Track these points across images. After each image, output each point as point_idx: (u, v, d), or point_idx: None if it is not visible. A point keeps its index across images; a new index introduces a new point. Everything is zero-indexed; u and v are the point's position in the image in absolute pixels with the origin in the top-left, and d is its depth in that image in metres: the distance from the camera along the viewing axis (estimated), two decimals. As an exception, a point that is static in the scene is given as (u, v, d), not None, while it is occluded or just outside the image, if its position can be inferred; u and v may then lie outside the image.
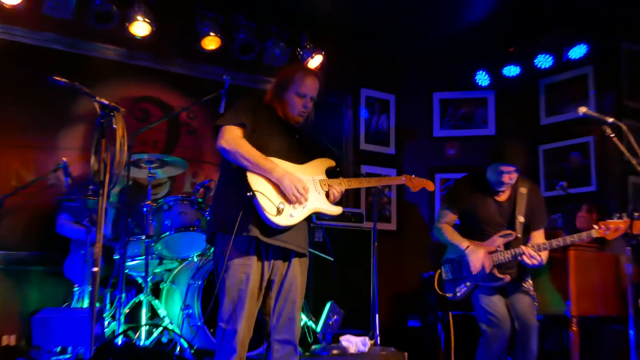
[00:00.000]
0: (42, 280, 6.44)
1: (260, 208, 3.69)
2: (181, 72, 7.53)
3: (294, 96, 3.99)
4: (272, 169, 3.77)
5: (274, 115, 4.03)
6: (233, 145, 3.79)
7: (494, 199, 5.01)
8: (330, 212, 4.07)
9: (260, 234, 3.74)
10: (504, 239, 4.82)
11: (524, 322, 4.85)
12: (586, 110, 4.55)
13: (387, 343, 6.26)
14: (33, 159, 6.58)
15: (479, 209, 5.03)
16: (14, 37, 6.58)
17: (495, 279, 4.79)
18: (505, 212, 4.96)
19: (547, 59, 7.90)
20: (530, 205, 4.96)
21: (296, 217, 3.83)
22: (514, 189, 5.01)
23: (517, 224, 4.87)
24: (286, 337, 3.91)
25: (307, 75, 4.03)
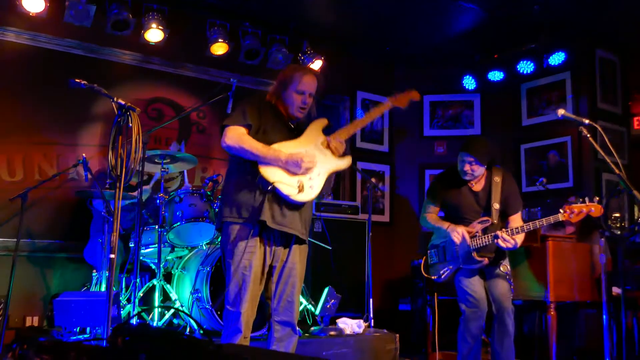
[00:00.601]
0: (63, 266, 6.45)
1: (284, 194, 3.74)
2: (192, 76, 7.53)
3: (294, 94, 3.98)
4: (276, 157, 3.77)
5: (276, 112, 4.02)
6: (237, 142, 3.79)
7: (469, 188, 5.03)
8: (342, 167, 4.07)
9: (268, 220, 3.75)
10: (481, 225, 4.83)
11: (500, 306, 4.85)
12: (564, 113, 4.54)
13: (380, 325, 6.26)
14: (55, 154, 6.58)
15: (456, 198, 5.05)
16: (39, 43, 6.59)
17: (474, 262, 4.80)
18: (481, 200, 4.97)
19: (529, 65, 7.89)
20: (505, 192, 4.96)
21: (316, 186, 3.87)
22: (488, 179, 5.01)
23: (493, 211, 4.88)
24: (286, 319, 3.92)
25: (305, 74, 4.02)
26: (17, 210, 5.70)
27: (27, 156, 6.41)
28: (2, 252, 5.96)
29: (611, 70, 8.15)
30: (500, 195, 4.93)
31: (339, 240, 6.95)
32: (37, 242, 6.33)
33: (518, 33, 7.76)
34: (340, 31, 8.10)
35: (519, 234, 4.70)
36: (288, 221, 3.84)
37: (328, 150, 4.01)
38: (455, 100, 8.96)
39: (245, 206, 3.78)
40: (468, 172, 4.95)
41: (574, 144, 7.77)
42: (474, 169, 4.93)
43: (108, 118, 6.76)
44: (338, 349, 5.48)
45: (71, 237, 6.35)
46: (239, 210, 3.80)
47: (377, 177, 8.79)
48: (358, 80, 8.77)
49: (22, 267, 6.00)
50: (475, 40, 8.12)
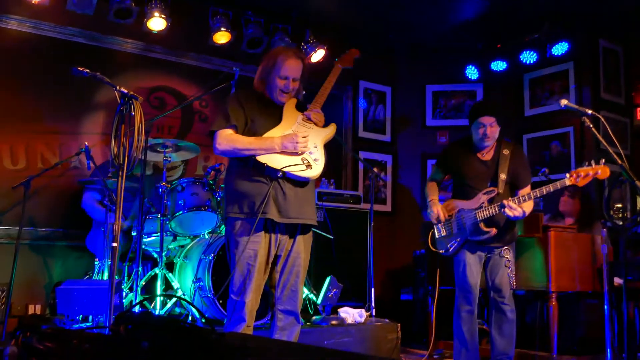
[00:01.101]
0: (66, 255, 6.46)
1: (296, 175, 3.76)
2: (194, 64, 7.51)
3: (277, 78, 3.93)
4: (271, 144, 3.77)
5: (262, 99, 4.00)
6: (228, 144, 3.79)
7: (478, 157, 5.00)
8: (331, 134, 4.05)
9: (274, 216, 3.75)
10: (487, 196, 4.81)
11: (498, 292, 4.87)
12: (567, 103, 4.52)
13: (381, 315, 6.27)
14: (57, 143, 6.57)
15: (464, 166, 5.02)
16: (41, 31, 6.56)
17: (482, 233, 4.77)
18: (489, 169, 4.94)
19: (532, 55, 7.87)
20: (514, 165, 4.92)
21: (320, 158, 3.88)
22: (497, 150, 4.98)
23: (499, 181, 4.84)
24: (289, 308, 3.92)
25: (288, 59, 3.94)
26: (19, 199, 5.72)
27: (30, 144, 6.41)
28: (4, 240, 5.97)
29: (614, 61, 8.12)
30: (509, 167, 4.89)
31: (341, 230, 6.95)
32: (39, 230, 6.33)
33: (521, 23, 7.74)
34: (343, 20, 8.08)
35: (526, 202, 4.65)
36: (295, 211, 3.83)
37: (310, 124, 3.98)
38: (457, 90, 8.94)
39: (249, 201, 3.77)
40: (489, 135, 4.88)
41: (577, 134, 7.76)
42: (494, 132, 4.88)
43: (110, 106, 6.75)
44: (339, 338, 5.49)
45: (73, 226, 6.35)
46: (243, 206, 3.79)
47: (380, 166, 8.78)
48: (360, 70, 8.74)
49: (24, 255, 6.01)
50: (478, 30, 8.10)
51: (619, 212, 5.09)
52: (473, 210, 4.83)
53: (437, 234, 5.09)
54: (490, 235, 4.77)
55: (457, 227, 4.94)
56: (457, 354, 5.06)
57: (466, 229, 4.86)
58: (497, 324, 4.92)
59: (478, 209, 4.81)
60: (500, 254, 4.89)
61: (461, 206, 4.94)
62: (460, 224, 4.92)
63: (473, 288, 4.89)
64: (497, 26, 7.95)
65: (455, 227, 4.95)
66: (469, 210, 4.87)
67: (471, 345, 4.96)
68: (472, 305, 4.92)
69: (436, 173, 5.26)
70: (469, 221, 4.85)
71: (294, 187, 3.83)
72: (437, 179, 5.25)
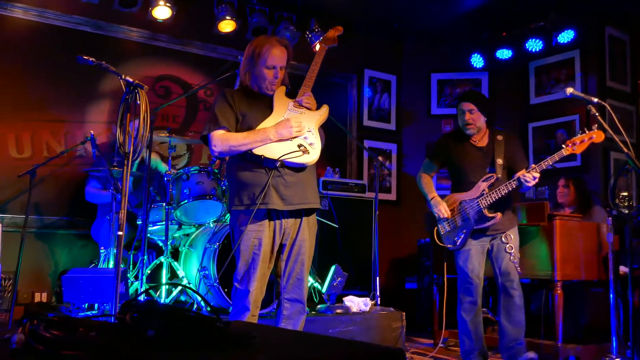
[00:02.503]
0: (71, 243, 6.48)
1: (294, 162, 3.74)
2: (199, 53, 7.50)
3: (264, 69, 3.89)
4: (265, 135, 3.74)
5: (250, 93, 3.97)
6: (223, 144, 3.77)
7: (472, 144, 5.02)
8: (324, 115, 3.99)
9: (277, 205, 3.75)
10: (486, 182, 4.81)
11: (505, 278, 4.88)
12: (573, 91, 4.51)
13: (386, 303, 6.29)
14: (63, 131, 6.58)
15: (460, 156, 5.04)
16: (46, 19, 6.56)
17: (487, 220, 4.78)
18: (485, 155, 4.95)
19: (537, 43, 7.85)
20: (509, 149, 4.95)
21: (316, 142, 3.84)
22: (491, 137, 5.01)
23: (497, 166, 4.85)
24: (295, 296, 3.92)
25: (273, 48, 3.89)
26: (25, 187, 5.74)
27: (36, 133, 6.42)
28: (10, 229, 5.98)
29: (621, 49, 8.09)
30: (505, 152, 4.91)
31: (346, 219, 6.96)
32: (45, 218, 6.36)
33: (527, 11, 7.71)
34: (348, 9, 8.05)
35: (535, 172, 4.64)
36: (298, 197, 3.82)
37: (302, 109, 3.94)
38: (463, 78, 8.92)
39: (250, 192, 3.76)
40: (469, 121, 4.95)
41: (582, 122, 7.73)
42: (475, 119, 4.94)
43: (115, 95, 6.76)
44: (344, 327, 5.50)
45: (79, 214, 6.38)
46: (243, 197, 3.78)
47: (384, 155, 8.78)
48: (365, 59, 8.74)
49: (30, 243, 6.04)
50: (484, 18, 8.06)
51: (625, 200, 5.07)
52: (475, 199, 4.84)
53: (442, 230, 5.08)
54: (495, 220, 4.77)
55: (461, 219, 4.94)
56: (461, 344, 5.07)
57: (470, 219, 4.86)
58: (505, 310, 4.93)
59: (479, 197, 4.82)
60: (501, 240, 4.90)
61: (462, 198, 4.95)
62: (464, 216, 4.92)
63: (475, 278, 4.91)
64: (503, 14, 7.92)
65: (460, 220, 4.95)
66: (470, 200, 4.88)
67: (475, 336, 4.97)
68: (474, 296, 4.93)
69: (430, 165, 5.25)
70: (472, 211, 4.85)
71: (294, 172, 3.82)
72: (431, 172, 5.26)
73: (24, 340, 1.48)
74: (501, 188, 4.75)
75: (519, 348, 4.92)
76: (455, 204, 4.98)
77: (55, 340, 1.46)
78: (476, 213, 4.83)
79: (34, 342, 1.47)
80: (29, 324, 1.50)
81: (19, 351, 1.47)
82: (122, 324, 1.62)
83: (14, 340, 1.48)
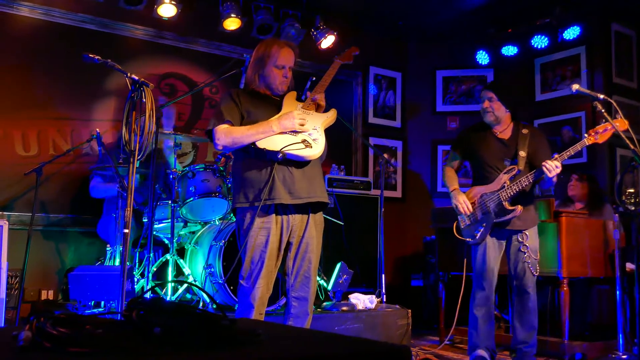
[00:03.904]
0: (78, 241, 6.49)
1: (297, 155, 3.73)
2: (204, 51, 7.51)
3: (274, 69, 3.96)
4: (269, 127, 3.76)
5: (256, 95, 4.00)
6: (226, 137, 3.79)
7: (494, 135, 4.98)
8: (331, 117, 4.01)
9: (284, 199, 3.75)
10: (508, 175, 4.74)
11: (520, 279, 4.84)
12: (578, 88, 4.50)
13: (392, 301, 6.28)
14: (69, 129, 6.59)
15: (481, 147, 4.99)
16: (52, 17, 6.57)
17: (507, 212, 4.71)
18: (508, 148, 4.89)
19: (543, 40, 7.83)
20: (533, 143, 4.87)
21: (320, 139, 3.85)
22: (515, 130, 4.95)
23: (520, 158, 4.79)
24: (302, 294, 3.93)
25: (282, 48, 4.00)
26: (31, 185, 5.76)
27: (42, 131, 6.43)
28: (17, 226, 5.99)
29: (627, 45, 8.07)
30: (528, 147, 4.84)
31: (351, 216, 6.96)
32: (51, 216, 6.37)
33: (532, 7, 7.69)
34: (353, 6, 8.05)
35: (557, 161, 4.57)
36: (305, 190, 3.82)
37: (311, 111, 3.96)
38: (468, 75, 8.91)
39: (255, 189, 3.76)
40: (488, 109, 4.92)
41: (588, 119, 7.72)
42: (494, 107, 4.91)
43: (121, 93, 6.77)
44: (350, 324, 5.50)
45: (85, 212, 6.39)
46: (249, 194, 3.78)
47: (390, 152, 8.78)
48: (371, 56, 8.74)
49: (37, 241, 6.06)
50: (489, 15, 8.05)
51: (631, 197, 5.05)
52: (495, 192, 4.77)
53: (462, 223, 5.01)
54: (515, 213, 4.69)
55: (482, 212, 4.86)
56: (469, 338, 5.05)
57: (491, 212, 4.78)
58: (518, 312, 4.90)
59: (500, 189, 4.74)
60: (518, 239, 4.85)
61: (483, 191, 4.88)
62: (484, 209, 4.84)
63: (489, 273, 4.86)
64: (508, 10, 7.90)
65: (480, 213, 4.86)
66: (491, 193, 4.80)
67: (483, 332, 4.94)
68: (488, 291, 4.89)
69: (453, 157, 5.21)
70: (492, 204, 4.77)
71: (300, 167, 3.83)
72: (454, 164, 5.20)
73: (31, 338, 1.49)
74: (522, 180, 4.67)
75: (527, 352, 4.88)
76: (476, 197, 4.91)
77: (62, 337, 1.47)
78: (497, 206, 4.75)
79: (41, 339, 1.48)
80: (36, 321, 1.51)
81: (26, 348, 1.48)
82: (128, 322, 1.63)
83: (21, 337, 1.49)
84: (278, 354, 1.66)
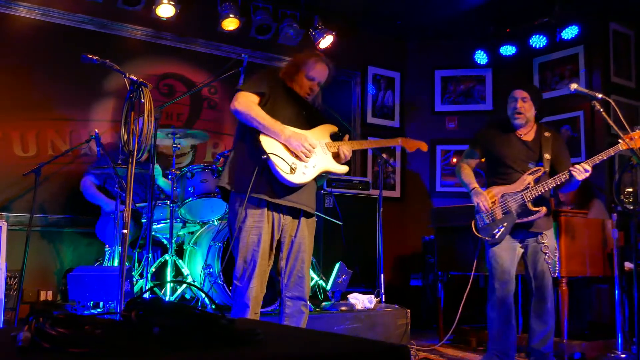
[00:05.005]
0: (76, 241, 6.49)
1: (275, 168, 3.71)
2: (203, 51, 7.51)
3: (304, 78, 4.02)
4: (280, 131, 3.78)
5: (287, 88, 4.04)
6: (245, 107, 3.80)
7: (518, 137, 4.89)
8: (339, 171, 4.06)
9: (270, 197, 3.76)
10: (533, 176, 4.68)
11: (539, 283, 4.76)
12: (577, 87, 4.50)
13: (391, 300, 6.28)
14: (67, 130, 6.59)
15: (503, 147, 4.90)
16: (51, 18, 6.57)
17: (530, 213, 4.65)
18: (531, 151, 4.82)
19: (541, 39, 7.83)
20: (555, 147, 4.84)
21: (308, 175, 3.85)
22: (538, 133, 4.89)
23: (545, 160, 4.74)
24: (297, 294, 3.94)
25: (319, 62, 4.06)
26: (30, 186, 5.77)
27: (41, 132, 6.43)
28: (16, 227, 5.98)
29: (625, 44, 8.08)
30: (552, 149, 4.80)
31: (350, 216, 6.96)
32: (50, 217, 6.37)
33: (531, 6, 7.69)
34: (352, 6, 8.04)
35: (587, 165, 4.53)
36: (294, 195, 3.84)
37: (330, 154, 4.01)
38: (466, 75, 8.91)
39: (248, 179, 3.77)
40: (520, 109, 4.82)
41: (587, 118, 7.73)
42: (527, 108, 4.83)
43: (120, 93, 6.77)
44: (349, 324, 5.51)
45: (84, 212, 6.37)
46: (241, 182, 3.81)
47: (388, 152, 8.78)
48: (369, 56, 8.74)
49: (35, 242, 6.06)
50: (487, 14, 8.04)
51: (630, 196, 5.06)
52: (519, 192, 4.70)
53: (480, 222, 4.89)
54: (540, 215, 4.65)
55: (502, 212, 4.76)
56: (489, 340, 4.93)
57: (513, 213, 4.71)
58: (536, 314, 4.80)
59: (524, 190, 4.68)
60: (537, 241, 4.77)
61: (504, 191, 4.79)
62: (505, 210, 4.75)
63: (505, 275, 4.76)
64: (506, 10, 7.90)
65: (500, 213, 4.77)
66: (514, 194, 4.72)
67: (499, 333, 4.82)
68: (504, 294, 4.78)
69: (471, 155, 5.11)
70: (515, 204, 4.70)
71: None
72: (472, 162, 5.10)
73: (30, 338, 1.49)
74: (549, 181, 4.62)
75: (546, 354, 4.80)
76: (497, 196, 4.80)
77: (61, 337, 1.47)
78: (519, 206, 4.68)
79: (40, 339, 1.48)
80: (35, 321, 1.51)
81: (25, 349, 1.48)
82: (127, 322, 1.63)
83: (20, 338, 1.49)
84: (277, 353, 1.66)
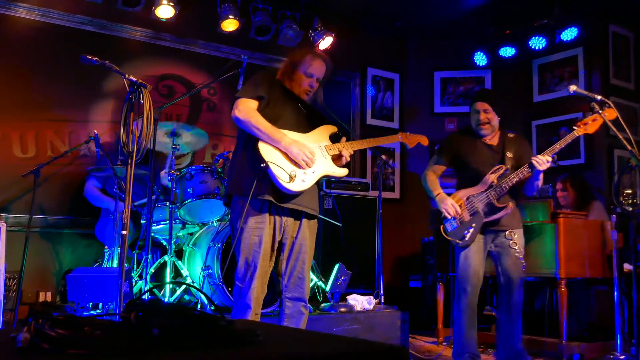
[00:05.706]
0: (75, 242, 6.49)
1: (275, 177, 3.71)
2: (202, 52, 7.51)
3: (302, 75, 4.01)
4: (280, 139, 3.78)
5: (286, 90, 4.04)
6: (246, 115, 3.80)
7: (483, 142, 4.96)
8: (338, 174, 4.07)
9: (274, 199, 3.76)
10: (495, 174, 4.73)
11: (508, 277, 4.80)
12: (576, 89, 4.50)
13: (390, 302, 6.28)
14: (67, 131, 6.59)
15: (470, 153, 4.95)
16: (50, 19, 6.58)
17: (497, 210, 4.70)
18: (496, 153, 4.89)
19: (540, 41, 7.84)
20: (519, 148, 4.89)
21: (307, 182, 3.85)
22: (502, 137, 4.96)
23: (507, 158, 4.79)
24: (296, 295, 3.95)
25: (316, 58, 4.06)
26: (29, 187, 5.77)
27: (40, 133, 6.43)
28: (15, 228, 5.98)
29: (625, 46, 8.09)
30: (515, 150, 4.85)
31: (349, 217, 6.96)
32: (49, 218, 6.36)
33: (530, 8, 7.70)
34: (351, 7, 8.06)
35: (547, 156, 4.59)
36: (297, 197, 3.85)
37: (329, 157, 4.01)
38: (466, 76, 8.92)
39: (250, 182, 3.77)
40: (484, 120, 4.88)
41: (586, 120, 7.73)
42: (490, 118, 4.88)
43: (119, 94, 6.77)
44: (348, 325, 5.50)
45: (83, 214, 6.38)
46: (244, 186, 3.81)
47: (388, 154, 8.78)
48: (369, 57, 8.75)
49: (34, 243, 6.05)
50: (487, 16, 8.06)
51: (629, 198, 5.06)
52: (483, 192, 4.76)
53: (448, 227, 4.94)
54: (507, 210, 4.69)
55: (469, 214, 4.82)
56: (454, 342, 4.99)
57: (480, 212, 4.76)
58: (507, 308, 4.84)
59: (488, 189, 4.74)
60: (505, 236, 4.82)
61: (469, 193, 4.85)
62: (472, 211, 4.81)
63: (473, 277, 4.82)
64: (506, 12, 7.91)
65: (467, 215, 4.83)
66: (478, 194, 4.79)
67: (467, 337, 4.87)
68: (471, 297, 4.84)
69: (438, 162, 5.15)
70: (481, 204, 4.76)
71: None
72: (437, 169, 5.15)
73: (30, 339, 1.49)
74: (512, 177, 4.68)
75: (519, 349, 4.84)
76: (462, 199, 4.86)
77: (60, 339, 1.47)
78: (486, 205, 4.74)
79: (40, 341, 1.48)
80: (34, 323, 1.51)
81: (24, 350, 1.48)
82: (126, 323, 1.63)
83: (19, 339, 1.49)
84: (276, 354, 1.66)
